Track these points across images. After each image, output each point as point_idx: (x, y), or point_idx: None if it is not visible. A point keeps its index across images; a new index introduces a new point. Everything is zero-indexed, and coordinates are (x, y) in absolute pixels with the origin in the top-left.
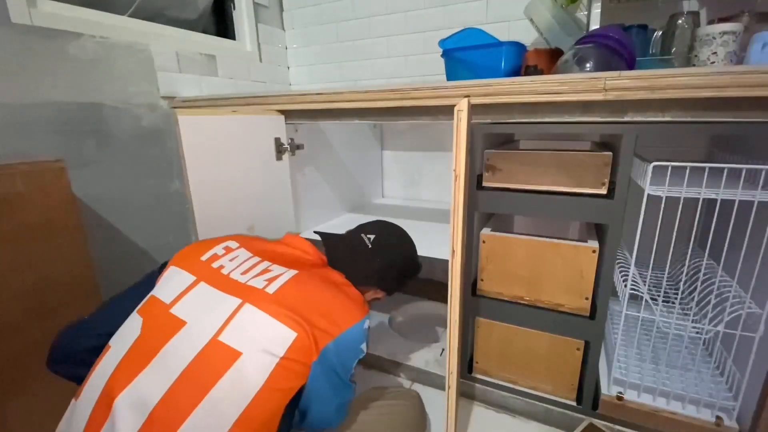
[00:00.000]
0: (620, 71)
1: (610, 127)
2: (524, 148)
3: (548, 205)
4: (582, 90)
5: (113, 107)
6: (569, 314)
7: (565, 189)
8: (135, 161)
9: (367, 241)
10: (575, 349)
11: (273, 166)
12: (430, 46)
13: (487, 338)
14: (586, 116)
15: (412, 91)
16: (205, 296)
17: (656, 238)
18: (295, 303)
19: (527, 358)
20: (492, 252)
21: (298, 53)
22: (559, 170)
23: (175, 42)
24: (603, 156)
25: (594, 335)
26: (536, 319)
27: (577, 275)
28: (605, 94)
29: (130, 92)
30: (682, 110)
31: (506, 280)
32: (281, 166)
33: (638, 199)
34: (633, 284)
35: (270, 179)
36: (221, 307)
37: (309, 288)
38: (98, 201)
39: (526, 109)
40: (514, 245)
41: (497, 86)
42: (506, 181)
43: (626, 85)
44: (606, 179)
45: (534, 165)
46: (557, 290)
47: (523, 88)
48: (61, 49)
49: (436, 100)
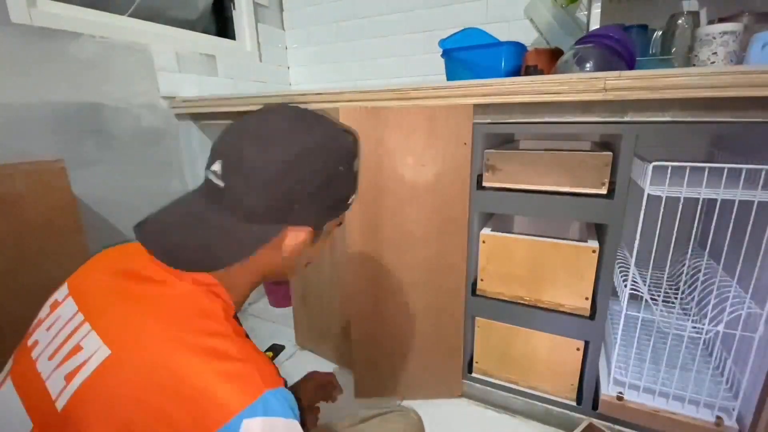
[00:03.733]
0: (620, 71)
1: (610, 127)
2: (524, 148)
3: (548, 205)
4: (582, 90)
5: (113, 107)
6: (569, 314)
7: (566, 189)
8: (135, 161)
9: (215, 177)
10: (575, 349)
11: None
12: (430, 46)
13: (488, 338)
14: (587, 116)
15: (412, 90)
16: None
17: (656, 238)
18: (102, 418)
19: (527, 358)
20: (492, 252)
21: (298, 53)
22: (560, 170)
23: (174, 42)
24: (603, 156)
25: (594, 335)
26: (536, 319)
27: (578, 275)
28: (605, 94)
29: (129, 92)
30: (682, 110)
31: (506, 280)
32: None
33: (638, 199)
34: (633, 284)
35: None
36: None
37: (124, 380)
38: (98, 201)
39: (527, 109)
40: (514, 245)
41: (497, 86)
42: (506, 181)
43: (626, 85)
44: (606, 179)
45: (534, 165)
46: (557, 290)
47: (523, 88)
48: (61, 49)
49: (436, 100)
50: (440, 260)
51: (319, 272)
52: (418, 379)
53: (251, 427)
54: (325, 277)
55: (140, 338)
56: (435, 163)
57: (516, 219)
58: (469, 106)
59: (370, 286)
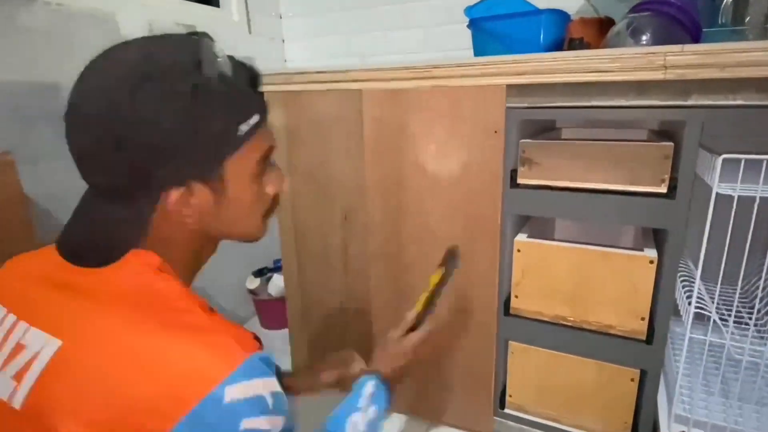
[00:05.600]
0: (683, 45)
1: (670, 112)
2: (567, 137)
3: (596, 206)
4: (637, 68)
5: None
6: (622, 338)
7: (617, 187)
8: None
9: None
10: (629, 379)
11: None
12: (454, 16)
13: (523, 367)
14: (642, 99)
15: (432, 69)
16: None
17: (726, 246)
18: (69, 410)
19: (571, 391)
20: (529, 263)
21: (296, 24)
22: (610, 164)
23: (146, 10)
24: (662, 147)
25: (651, 363)
26: (582, 344)
27: (632, 291)
28: (665, 73)
29: None
30: (758, 92)
31: (546, 297)
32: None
33: (705, 199)
34: (699, 301)
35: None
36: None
37: (88, 367)
38: (55, 201)
39: (570, 90)
40: (556, 255)
41: (535, 63)
42: (546, 177)
43: (690, 62)
44: (666, 175)
45: (579, 158)
46: (607, 309)
47: (567, 65)
48: (9, 17)
49: (461, 80)
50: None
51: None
52: (444, 404)
53: (233, 393)
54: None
55: (95, 323)
56: (460, 155)
57: (557, 223)
58: (501, 87)
59: (395, 301)
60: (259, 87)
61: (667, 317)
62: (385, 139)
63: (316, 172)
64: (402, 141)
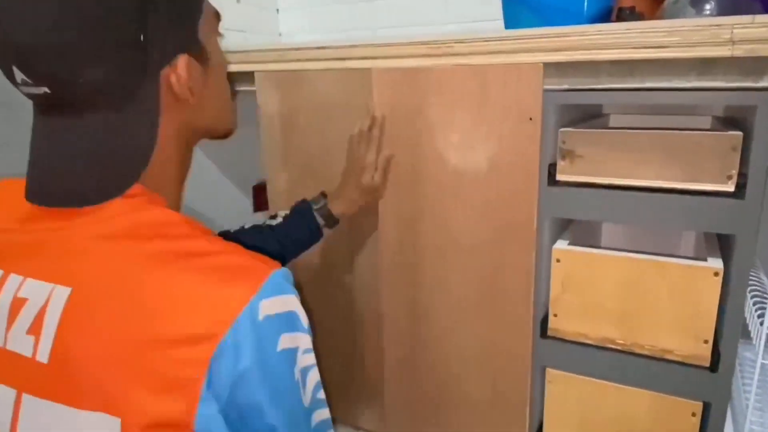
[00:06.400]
0: (754, 15)
1: (739, 95)
2: (616, 126)
3: (650, 207)
4: (699, 42)
5: None
6: (681, 364)
7: (675, 185)
8: None
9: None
10: (690, 414)
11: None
12: None
13: (564, 398)
14: (705, 80)
15: (454, 43)
16: None
17: None
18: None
19: (621, 427)
20: (570, 275)
21: None
22: (667, 158)
23: None
24: (729, 137)
25: (717, 394)
26: (633, 372)
27: (693, 308)
28: (732, 49)
29: None
30: None
31: (590, 316)
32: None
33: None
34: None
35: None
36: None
37: (105, 308)
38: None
39: (619, 69)
40: (603, 265)
41: (577, 37)
42: (590, 173)
43: (763, 36)
44: (734, 170)
45: (630, 150)
46: (663, 330)
47: (615, 39)
48: None
49: (488, 57)
50: (497, 282)
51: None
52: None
53: (268, 306)
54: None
55: (100, 263)
56: (487, 146)
57: (604, 228)
58: (537, 66)
59: (411, 325)
60: None
61: (734, 340)
62: (398, 127)
63: (317, 166)
64: (418, 130)
